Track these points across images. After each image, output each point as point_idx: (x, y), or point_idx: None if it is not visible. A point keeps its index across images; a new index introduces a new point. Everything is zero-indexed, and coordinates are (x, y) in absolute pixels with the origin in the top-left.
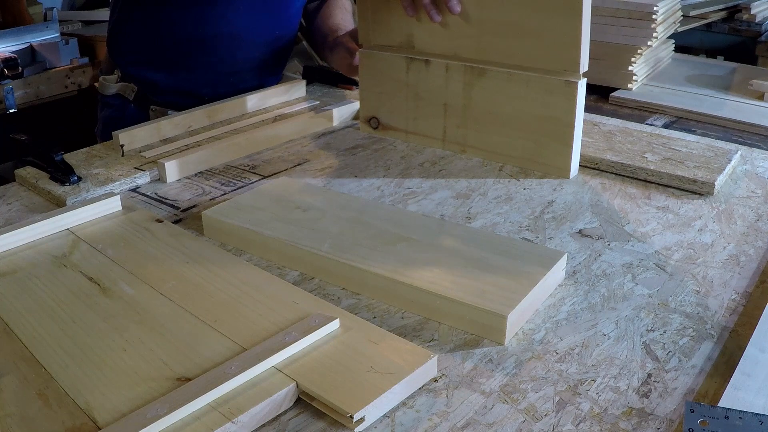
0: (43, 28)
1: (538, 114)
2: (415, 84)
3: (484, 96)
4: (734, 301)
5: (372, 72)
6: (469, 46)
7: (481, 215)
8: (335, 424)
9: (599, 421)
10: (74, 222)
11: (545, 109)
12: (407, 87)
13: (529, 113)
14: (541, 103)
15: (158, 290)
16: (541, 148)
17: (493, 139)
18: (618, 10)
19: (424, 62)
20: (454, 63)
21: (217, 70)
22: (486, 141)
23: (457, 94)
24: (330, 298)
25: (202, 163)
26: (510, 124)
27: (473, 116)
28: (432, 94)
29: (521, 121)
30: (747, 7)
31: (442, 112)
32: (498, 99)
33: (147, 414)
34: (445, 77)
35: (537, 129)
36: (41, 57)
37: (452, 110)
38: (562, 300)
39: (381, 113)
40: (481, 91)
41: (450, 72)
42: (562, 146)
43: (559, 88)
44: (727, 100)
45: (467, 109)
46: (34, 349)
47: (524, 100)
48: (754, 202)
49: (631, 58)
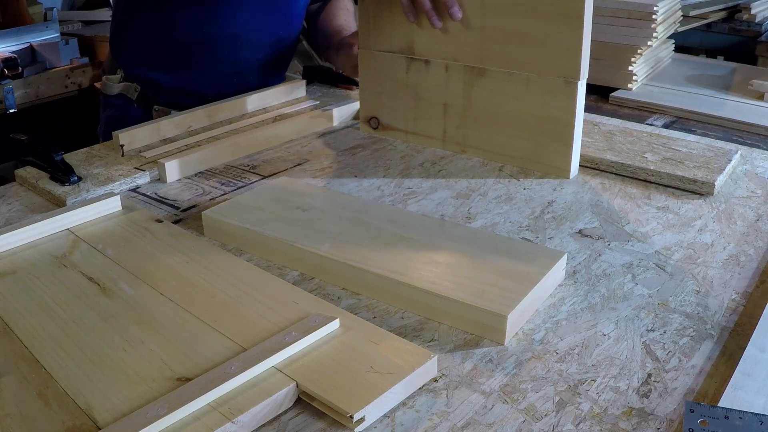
0: (43, 28)
1: (538, 114)
2: (415, 84)
3: (484, 96)
4: (734, 301)
5: (372, 72)
6: (470, 52)
7: (481, 215)
8: (335, 424)
9: (599, 421)
10: (74, 222)
11: (545, 109)
12: (407, 87)
13: (529, 113)
14: (541, 103)
15: (158, 290)
16: (541, 148)
17: (493, 139)
18: (618, 10)
19: (424, 62)
20: (454, 63)
21: (220, 71)
22: (486, 141)
23: (457, 94)
24: (330, 298)
25: (202, 163)
26: (510, 124)
27: (473, 116)
28: (432, 94)
29: (521, 121)
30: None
31: (442, 112)
32: (498, 99)
33: (147, 414)
34: (445, 77)
35: (537, 129)
36: (41, 57)
37: (452, 110)
38: (562, 300)
39: (381, 113)
40: (481, 90)
41: (450, 72)
42: (562, 146)
43: (559, 89)
44: (727, 100)
45: (467, 109)
46: (34, 349)
47: (524, 100)
48: (754, 202)
49: (631, 58)
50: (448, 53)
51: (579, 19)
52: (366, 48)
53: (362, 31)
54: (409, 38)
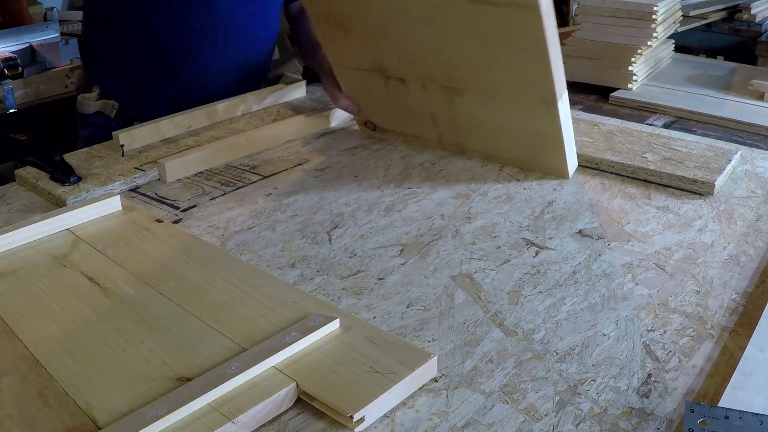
0: (43, 28)
1: (524, 128)
2: (397, 97)
3: (468, 109)
4: (734, 301)
5: (352, 86)
6: (442, 74)
7: (481, 215)
8: (335, 424)
9: (599, 421)
10: (74, 222)
11: (530, 124)
12: (390, 99)
13: (515, 127)
14: (524, 119)
15: (158, 290)
16: (534, 154)
17: (487, 145)
18: (618, 10)
19: (400, 80)
20: (429, 82)
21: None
22: (482, 144)
23: (440, 107)
24: (330, 298)
25: (202, 163)
26: (499, 134)
27: (463, 125)
28: (417, 106)
29: (509, 131)
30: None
31: (432, 120)
32: (482, 113)
33: (147, 414)
34: (424, 94)
35: (525, 140)
36: (41, 57)
37: (441, 120)
38: (562, 300)
39: (374, 119)
40: (463, 106)
41: (428, 90)
42: (555, 152)
43: (539, 109)
44: (727, 100)
45: (455, 120)
46: (34, 349)
47: (507, 116)
48: (754, 202)
49: (631, 58)
50: (420, 74)
51: (542, 46)
52: (338, 65)
53: (328, 50)
54: (377, 59)
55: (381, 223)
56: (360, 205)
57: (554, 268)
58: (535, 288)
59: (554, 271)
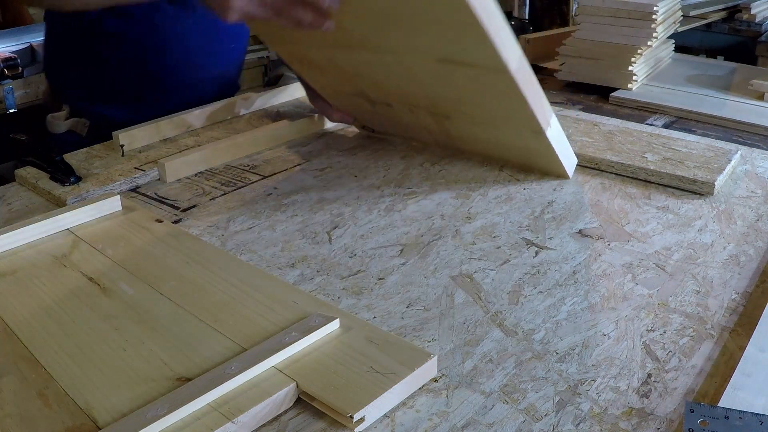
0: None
1: (516, 145)
2: (387, 115)
3: (458, 129)
4: (734, 301)
5: (341, 104)
6: (425, 102)
7: (481, 215)
8: (335, 424)
9: (599, 421)
10: (74, 222)
11: (521, 142)
12: (381, 116)
13: (508, 143)
14: (516, 139)
15: (158, 290)
16: (530, 161)
17: (485, 149)
18: (618, 10)
19: (386, 104)
20: (415, 107)
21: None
22: (479, 148)
23: (431, 125)
24: (330, 298)
25: (202, 163)
26: (494, 147)
27: (458, 137)
28: (408, 122)
29: (503, 146)
30: (747, 7)
31: (427, 132)
32: (473, 132)
33: (147, 414)
34: (412, 116)
35: (519, 154)
36: (41, 57)
37: (436, 133)
38: (562, 300)
39: (371, 126)
40: (453, 126)
41: (415, 112)
42: (550, 160)
43: (528, 136)
44: (727, 100)
45: (449, 134)
46: (34, 349)
47: (498, 136)
48: (754, 202)
49: (631, 58)
50: (404, 102)
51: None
52: (321, 88)
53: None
54: (358, 88)
55: (381, 223)
56: (360, 205)
57: (554, 268)
58: (535, 288)
59: (554, 271)
